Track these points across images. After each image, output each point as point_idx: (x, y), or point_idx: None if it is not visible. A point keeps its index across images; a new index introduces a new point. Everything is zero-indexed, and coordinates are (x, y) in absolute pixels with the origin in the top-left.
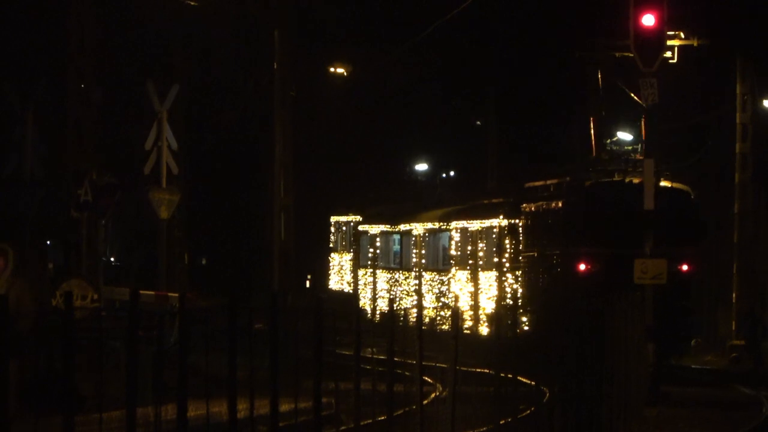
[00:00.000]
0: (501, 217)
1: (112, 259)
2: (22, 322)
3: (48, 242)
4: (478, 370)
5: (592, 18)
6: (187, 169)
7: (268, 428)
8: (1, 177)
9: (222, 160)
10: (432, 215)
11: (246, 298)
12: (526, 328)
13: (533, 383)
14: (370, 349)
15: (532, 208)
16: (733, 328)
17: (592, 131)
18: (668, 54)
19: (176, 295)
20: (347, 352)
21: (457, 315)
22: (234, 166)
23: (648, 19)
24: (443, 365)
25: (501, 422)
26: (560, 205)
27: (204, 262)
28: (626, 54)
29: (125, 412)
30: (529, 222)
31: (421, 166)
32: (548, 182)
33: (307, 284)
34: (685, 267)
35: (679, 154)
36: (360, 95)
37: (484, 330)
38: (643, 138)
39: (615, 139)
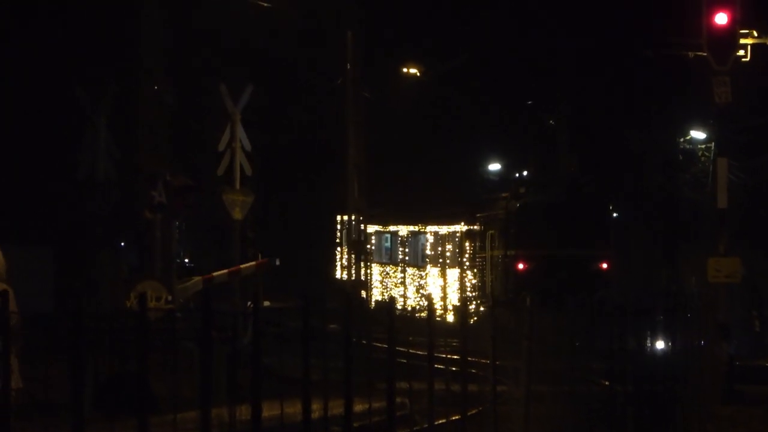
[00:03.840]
0: (462, 223)
1: (186, 260)
2: None
3: (122, 244)
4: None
5: (663, 17)
6: (261, 170)
7: (342, 428)
8: (74, 179)
9: (295, 161)
10: (413, 219)
11: (319, 299)
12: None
13: (607, 383)
14: (443, 349)
15: (485, 217)
16: None
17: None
18: (741, 52)
19: (251, 264)
20: (421, 352)
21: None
22: (307, 167)
23: (721, 18)
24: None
25: (574, 422)
26: (502, 214)
27: (278, 262)
28: (699, 53)
29: (199, 412)
30: (483, 228)
31: (494, 166)
32: (500, 194)
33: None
34: (604, 265)
35: (751, 152)
36: (432, 95)
37: (449, 318)
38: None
39: (688, 137)
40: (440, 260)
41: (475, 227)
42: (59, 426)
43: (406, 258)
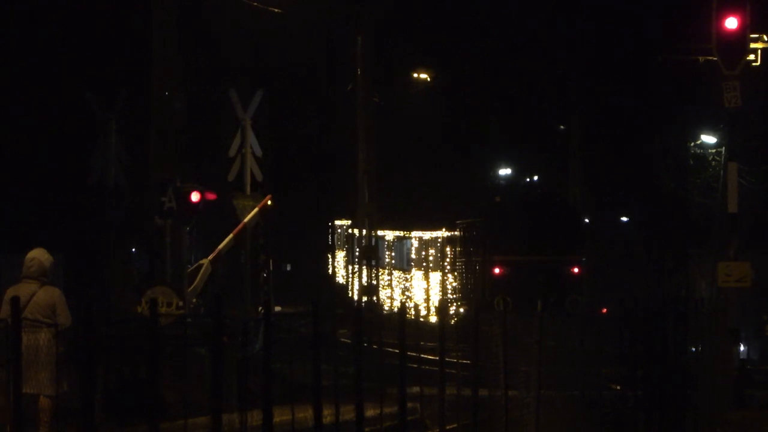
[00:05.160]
0: (443, 229)
1: (198, 275)
2: None
3: (133, 250)
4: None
5: (673, 22)
6: (272, 176)
7: None
8: (85, 185)
9: (305, 167)
10: (399, 224)
11: (329, 304)
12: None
13: (618, 388)
14: (454, 354)
15: (464, 224)
16: None
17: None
18: (751, 57)
19: (255, 212)
20: (432, 357)
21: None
22: (317, 172)
23: (731, 23)
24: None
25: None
26: (479, 221)
27: (288, 268)
28: (709, 57)
29: (210, 418)
30: (463, 234)
31: (504, 171)
32: (478, 203)
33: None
34: (575, 270)
35: (763, 157)
36: (443, 100)
37: (432, 318)
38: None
39: (699, 142)
40: (424, 264)
41: (456, 233)
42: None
43: (393, 261)
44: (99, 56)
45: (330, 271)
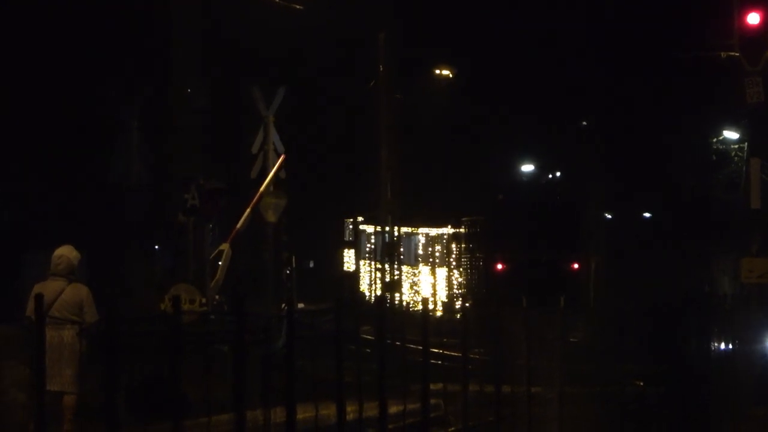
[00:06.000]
0: (449, 226)
1: (219, 263)
2: None
3: (156, 247)
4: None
5: (695, 18)
6: (294, 173)
7: (377, 430)
8: (108, 183)
9: (328, 163)
10: (407, 221)
11: (352, 301)
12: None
13: (641, 383)
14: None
15: (468, 221)
16: None
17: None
18: None
19: (272, 175)
20: (455, 353)
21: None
22: (338, 168)
23: (753, 18)
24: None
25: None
26: (483, 218)
27: (311, 264)
28: (731, 53)
29: (233, 415)
30: (467, 231)
31: (527, 167)
32: (482, 201)
33: None
34: (575, 266)
35: None
36: (465, 97)
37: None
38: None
39: (721, 138)
40: (431, 260)
41: (461, 230)
42: (94, 430)
43: (401, 257)
44: (121, 54)
45: (353, 267)
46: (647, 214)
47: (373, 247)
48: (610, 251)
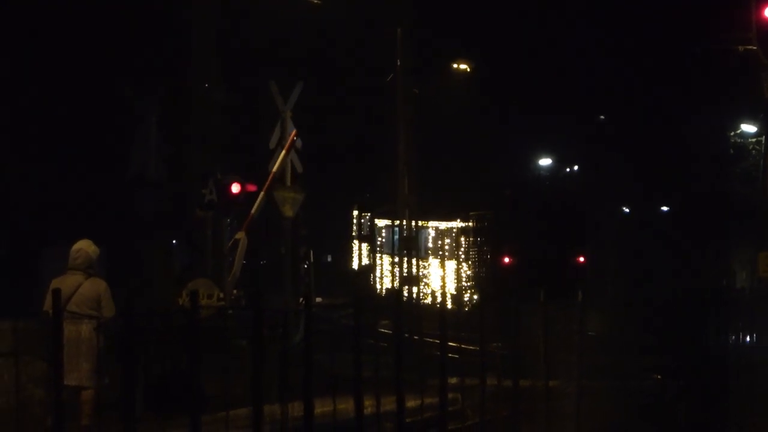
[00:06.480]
0: (458, 220)
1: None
2: None
3: (174, 242)
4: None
5: (713, 12)
6: (313, 167)
7: (395, 424)
8: (126, 178)
9: (345, 157)
10: (421, 215)
11: (369, 296)
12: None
13: (659, 377)
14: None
15: (477, 215)
16: None
17: None
18: None
19: (283, 154)
20: (472, 347)
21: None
22: (356, 163)
23: None
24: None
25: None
26: (491, 213)
27: (329, 259)
28: (749, 47)
29: (251, 410)
30: (476, 225)
31: (545, 161)
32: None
33: None
34: (581, 259)
35: None
36: (483, 90)
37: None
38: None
39: (739, 131)
40: (440, 253)
41: (469, 224)
42: (112, 424)
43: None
44: (138, 48)
45: (368, 261)
46: (665, 208)
47: (384, 240)
48: (627, 245)
